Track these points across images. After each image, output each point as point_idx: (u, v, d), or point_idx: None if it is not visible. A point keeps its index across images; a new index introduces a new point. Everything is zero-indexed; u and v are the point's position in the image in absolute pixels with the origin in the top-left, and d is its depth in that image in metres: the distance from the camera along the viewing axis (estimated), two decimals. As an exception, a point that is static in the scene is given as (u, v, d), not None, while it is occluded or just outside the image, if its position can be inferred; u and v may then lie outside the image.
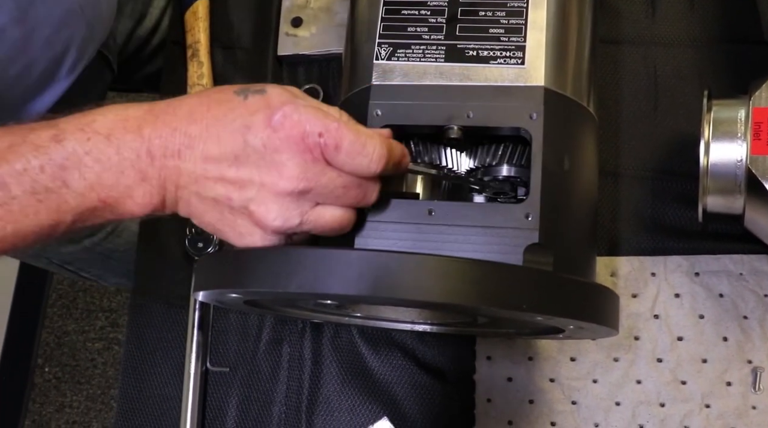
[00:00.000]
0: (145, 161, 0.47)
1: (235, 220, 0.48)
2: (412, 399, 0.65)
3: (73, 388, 1.60)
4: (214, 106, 0.48)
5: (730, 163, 0.56)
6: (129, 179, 0.48)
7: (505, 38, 0.50)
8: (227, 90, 0.50)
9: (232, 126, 0.47)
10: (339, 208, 0.48)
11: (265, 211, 0.47)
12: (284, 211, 0.47)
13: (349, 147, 0.46)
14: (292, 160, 0.46)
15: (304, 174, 0.46)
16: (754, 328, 0.62)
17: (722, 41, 0.68)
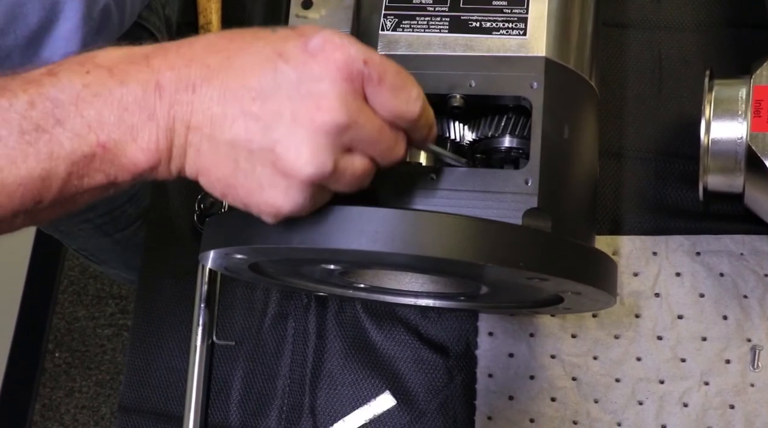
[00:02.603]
0: (153, 95, 0.40)
1: (254, 169, 0.40)
2: (414, 373, 0.65)
3: (83, 373, 1.61)
4: (238, 37, 0.42)
5: (731, 141, 0.57)
6: (134, 117, 0.40)
7: (508, 10, 0.51)
8: (249, 31, 0.43)
9: (261, 54, 0.40)
10: (366, 159, 0.42)
11: (296, 153, 0.39)
12: (318, 154, 0.39)
13: (393, 80, 0.41)
14: (333, 89, 0.39)
15: (345, 107, 0.39)
16: (753, 307, 0.62)
17: (726, 25, 0.69)
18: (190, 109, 0.41)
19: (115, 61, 0.41)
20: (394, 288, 0.60)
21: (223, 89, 0.40)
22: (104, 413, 1.59)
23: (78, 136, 0.40)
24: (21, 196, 0.40)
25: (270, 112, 0.40)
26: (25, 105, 0.39)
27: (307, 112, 0.39)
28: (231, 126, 0.40)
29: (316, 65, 0.40)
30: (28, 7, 0.59)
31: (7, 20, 0.58)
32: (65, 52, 0.61)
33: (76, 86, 0.40)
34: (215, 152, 0.41)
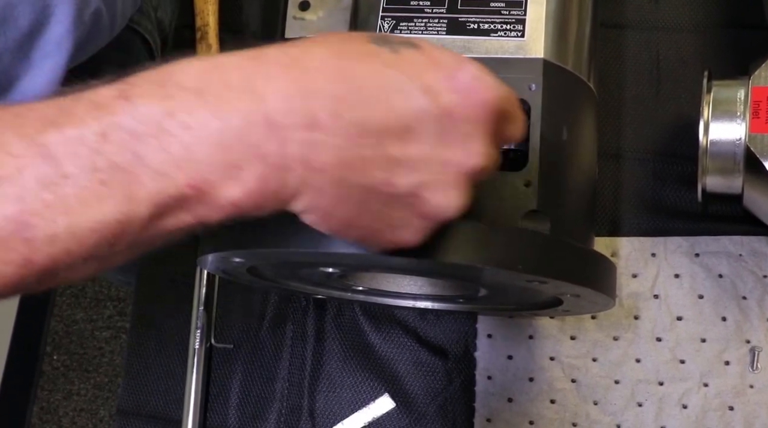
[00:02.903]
0: (261, 131, 0.33)
1: (387, 211, 0.36)
2: (413, 376, 0.65)
3: (81, 376, 1.61)
4: (356, 59, 0.35)
5: (729, 142, 0.57)
6: (233, 154, 0.33)
7: (506, 11, 0.51)
8: (359, 39, 0.37)
9: (400, 88, 0.35)
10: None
11: (444, 198, 0.36)
12: (462, 196, 0.37)
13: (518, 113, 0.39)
14: (479, 132, 0.36)
15: (489, 149, 0.37)
16: (752, 308, 0.62)
17: (725, 26, 0.69)
18: (313, 149, 0.34)
19: (203, 80, 0.34)
20: (392, 290, 0.60)
21: (357, 128, 0.34)
22: (102, 416, 1.59)
23: (163, 175, 0.33)
24: (94, 241, 0.33)
25: (414, 155, 0.35)
26: (96, 137, 0.32)
27: (454, 156, 0.36)
28: (368, 170, 0.35)
29: (464, 106, 0.36)
30: (19, 10, 0.57)
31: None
32: (57, 55, 0.60)
33: (156, 114, 0.33)
34: (340, 195, 0.36)
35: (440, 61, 0.36)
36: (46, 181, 0.32)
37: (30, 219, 0.32)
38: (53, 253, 0.32)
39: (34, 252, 0.32)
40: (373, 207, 0.36)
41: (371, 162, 0.35)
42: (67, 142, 0.32)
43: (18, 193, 0.31)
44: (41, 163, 0.32)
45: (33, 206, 0.32)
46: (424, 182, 0.36)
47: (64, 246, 0.32)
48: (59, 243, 0.32)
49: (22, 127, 0.33)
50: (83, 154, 0.32)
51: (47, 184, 0.32)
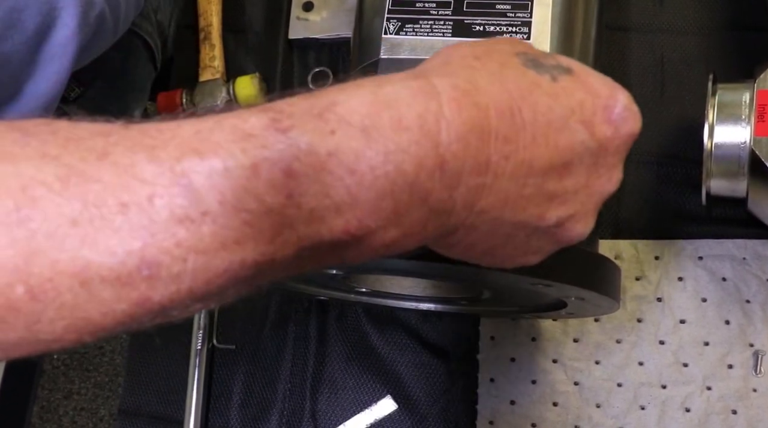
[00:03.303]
0: (431, 175, 0.30)
1: (529, 241, 0.36)
2: (415, 378, 0.65)
3: (81, 375, 1.61)
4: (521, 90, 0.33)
5: (734, 146, 0.57)
6: (399, 199, 0.30)
7: (512, 14, 0.51)
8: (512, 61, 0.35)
9: (564, 123, 0.34)
10: None
11: (584, 225, 0.36)
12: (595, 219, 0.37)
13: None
14: (622, 160, 0.37)
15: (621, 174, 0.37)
16: (756, 312, 0.62)
17: (729, 28, 0.69)
18: (479, 193, 0.32)
19: (371, 117, 0.30)
20: (395, 292, 0.60)
21: (524, 169, 0.33)
22: (103, 415, 1.59)
23: (319, 219, 0.29)
24: (222, 283, 0.28)
25: (566, 188, 0.35)
26: (245, 172, 0.27)
27: (601, 186, 0.36)
28: (526, 208, 0.34)
29: (615, 138, 0.36)
30: (26, 14, 0.58)
31: (4, 26, 0.57)
32: (62, 58, 0.60)
33: (318, 153, 0.29)
34: (492, 230, 0.34)
35: (596, 91, 0.36)
36: (181, 215, 0.27)
37: (157, 256, 0.27)
38: (174, 294, 0.28)
39: (154, 290, 0.27)
40: (517, 239, 0.36)
41: (530, 200, 0.34)
42: (210, 174, 0.27)
43: (147, 226, 0.27)
44: (178, 195, 0.27)
45: (163, 242, 0.27)
46: (571, 214, 0.36)
47: (188, 287, 0.28)
48: (184, 283, 0.27)
49: (155, 149, 0.28)
50: (228, 190, 0.27)
51: (182, 219, 0.27)
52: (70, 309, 0.27)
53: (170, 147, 0.28)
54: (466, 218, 0.33)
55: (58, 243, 0.26)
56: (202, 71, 0.75)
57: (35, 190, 0.26)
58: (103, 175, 0.27)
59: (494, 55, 0.35)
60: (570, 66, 0.36)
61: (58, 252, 0.26)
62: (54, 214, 0.26)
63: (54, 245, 0.26)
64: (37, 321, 0.27)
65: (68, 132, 0.28)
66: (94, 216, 0.26)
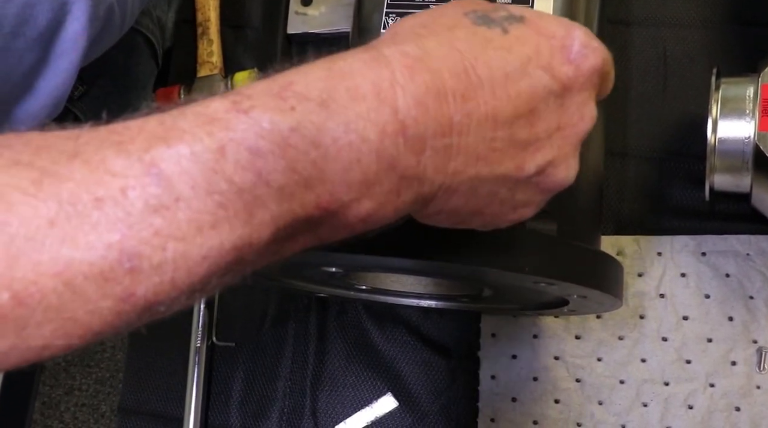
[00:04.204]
0: (398, 143, 0.31)
1: (513, 195, 0.36)
2: (416, 375, 0.65)
3: (83, 371, 1.61)
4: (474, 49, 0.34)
5: (738, 141, 0.56)
6: (366, 168, 0.30)
7: (513, 8, 0.50)
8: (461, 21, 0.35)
9: (522, 70, 0.34)
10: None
11: (566, 169, 0.36)
12: (577, 161, 0.37)
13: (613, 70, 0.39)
14: (591, 95, 0.37)
15: (595, 110, 0.37)
16: (759, 308, 0.62)
17: (732, 22, 0.68)
18: (447, 155, 0.32)
19: (327, 89, 0.30)
20: (396, 289, 0.60)
21: (490, 123, 0.33)
22: (104, 411, 1.59)
23: (290, 196, 0.29)
24: (205, 270, 0.28)
25: (539, 134, 0.35)
26: (212, 154, 0.28)
27: (573, 126, 0.36)
28: (500, 161, 0.34)
29: (580, 75, 0.36)
30: (38, 9, 0.57)
31: (17, 22, 0.57)
32: (72, 54, 0.60)
33: (280, 129, 0.29)
34: (473, 190, 0.34)
35: (551, 33, 0.36)
36: (156, 204, 0.27)
37: (136, 247, 0.27)
38: (158, 285, 0.27)
39: (138, 284, 0.27)
40: (501, 195, 0.35)
41: (503, 152, 0.34)
42: (179, 159, 0.28)
43: (123, 218, 0.27)
44: (150, 184, 0.27)
45: (141, 233, 0.27)
46: (549, 160, 0.35)
47: (170, 277, 0.27)
48: (166, 273, 0.27)
49: (122, 144, 0.28)
50: (198, 174, 0.28)
51: (157, 207, 0.27)
52: (56, 311, 0.26)
53: (137, 140, 0.28)
54: (442, 182, 0.33)
55: (39, 245, 0.26)
56: (200, 67, 0.75)
57: (10, 195, 0.26)
58: (75, 173, 0.27)
59: (442, 19, 0.35)
60: (522, 14, 0.36)
61: (39, 254, 0.26)
62: (31, 216, 0.26)
63: (34, 247, 0.26)
64: (25, 327, 0.26)
65: (40, 140, 0.29)
66: (70, 214, 0.26)
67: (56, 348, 0.27)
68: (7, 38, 0.56)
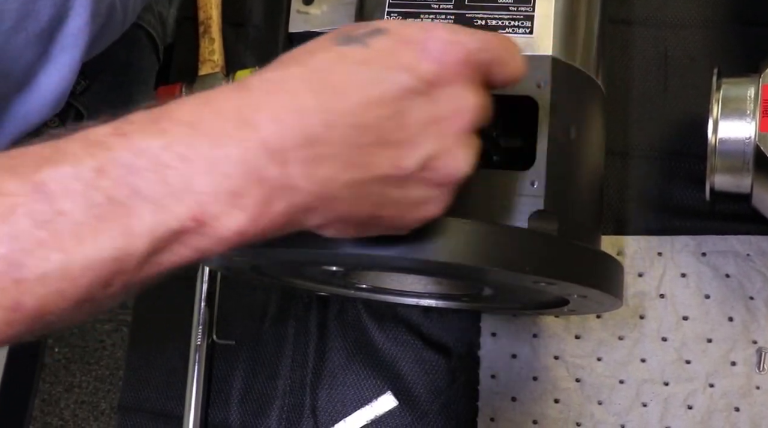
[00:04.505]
0: (260, 156, 0.33)
1: (406, 193, 0.37)
2: (416, 374, 0.65)
3: (83, 368, 1.61)
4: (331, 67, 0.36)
5: (739, 141, 0.56)
6: (235, 182, 0.33)
7: (514, 8, 0.50)
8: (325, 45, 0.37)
9: (379, 79, 0.36)
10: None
11: (454, 160, 0.37)
12: (469, 152, 0.38)
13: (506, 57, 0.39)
14: (465, 88, 0.38)
15: (478, 100, 0.38)
16: (759, 309, 0.62)
17: (734, 22, 0.68)
18: (316, 164, 0.34)
19: (196, 113, 0.34)
20: (396, 288, 0.60)
21: (353, 130, 0.35)
22: (104, 408, 1.59)
23: (163, 208, 0.32)
24: (89, 281, 0.32)
25: (411, 131, 0.36)
26: (92, 172, 0.32)
27: (448, 118, 0.37)
28: (375, 163, 0.36)
29: (442, 70, 0.37)
30: (40, 4, 0.58)
31: (19, 17, 0.57)
32: (73, 49, 0.60)
33: (153, 148, 0.32)
34: (357, 195, 0.36)
35: (411, 38, 0.37)
36: (39, 218, 0.31)
37: (21, 258, 0.30)
38: (45, 295, 0.31)
39: (25, 293, 0.30)
40: (391, 196, 0.37)
41: (375, 154, 0.36)
42: (62, 178, 0.31)
43: (10, 232, 0.30)
44: (35, 201, 0.31)
45: (25, 244, 0.30)
46: (430, 154, 0.37)
47: (56, 287, 0.31)
48: (51, 283, 0.31)
49: (16, 167, 0.32)
50: (79, 190, 0.31)
51: (41, 221, 0.31)
52: None
53: (29, 162, 0.32)
54: (316, 190, 0.35)
55: None
56: (202, 65, 0.74)
57: None
58: None
59: (308, 47, 0.38)
60: (385, 27, 0.38)
61: None
62: None
63: None
64: None
65: None
66: None
67: None
68: (9, 33, 0.57)
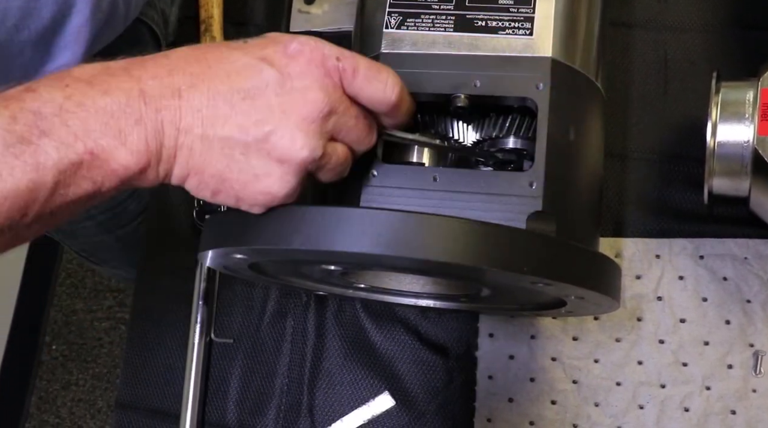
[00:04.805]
0: (138, 103, 0.43)
1: (249, 161, 0.44)
2: (413, 374, 0.65)
3: (80, 366, 1.61)
4: (213, 49, 0.45)
5: (737, 144, 0.56)
6: (120, 122, 0.42)
7: (514, 9, 0.50)
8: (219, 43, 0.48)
9: (243, 60, 0.44)
10: (346, 146, 0.47)
11: (290, 139, 0.43)
12: (310, 139, 0.44)
13: (367, 71, 0.46)
14: (315, 84, 0.44)
15: (327, 97, 0.44)
16: (756, 312, 0.62)
17: (733, 27, 0.68)
18: (179, 113, 0.43)
19: (93, 74, 0.43)
20: (394, 288, 0.60)
21: (211, 93, 0.44)
22: (101, 406, 1.59)
23: (64, 144, 0.41)
24: (7, 209, 0.40)
25: (260, 107, 0.44)
26: (7, 120, 0.40)
27: (294, 104, 0.44)
28: (224, 124, 0.43)
29: (297, 65, 0.44)
30: (42, 2, 0.59)
31: (22, 16, 0.59)
32: (75, 47, 0.62)
33: (57, 99, 0.41)
34: (209, 150, 0.44)
35: (279, 40, 0.46)
36: None
37: None
38: None
39: None
40: (237, 158, 0.44)
41: (226, 117, 0.43)
42: None
43: None
44: None
45: None
46: (272, 129, 0.43)
47: None
48: None
49: None
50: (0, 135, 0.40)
51: None
52: None
53: None
54: (177, 137, 0.43)
55: None
56: (203, 63, 0.75)
57: None
58: None
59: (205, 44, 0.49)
60: (267, 34, 0.47)
61: None
62: None
63: None
64: None
65: None
66: None
67: None
68: (11, 31, 0.58)
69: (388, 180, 0.49)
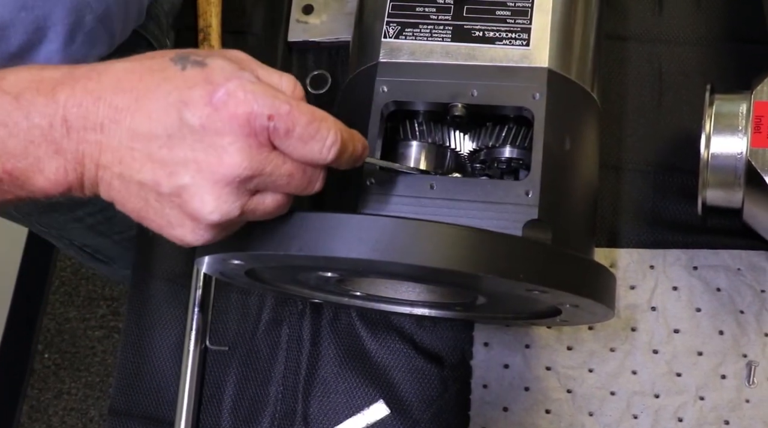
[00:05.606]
0: (60, 131, 0.42)
1: (163, 209, 0.43)
2: (408, 383, 0.65)
3: (72, 375, 1.60)
4: (147, 74, 0.42)
5: (731, 156, 0.57)
6: (39, 150, 0.42)
7: (512, 20, 0.51)
8: (164, 56, 0.43)
9: (167, 99, 0.41)
10: (278, 195, 0.43)
11: (200, 202, 0.41)
12: (222, 204, 0.41)
13: (302, 131, 0.41)
14: (235, 145, 0.41)
15: (248, 161, 0.41)
16: (750, 323, 0.62)
17: (727, 40, 0.69)
18: (98, 149, 0.42)
19: (22, 87, 0.42)
20: (390, 296, 0.60)
21: (130, 133, 0.42)
22: (93, 415, 1.58)
23: None
24: None
25: (176, 159, 0.41)
26: None
27: (209, 164, 0.41)
28: (139, 169, 0.42)
29: (218, 119, 0.41)
30: (11, 31, 0.59)
31: None
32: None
33: None
34: (126, 189, 0.43)
35: (211, 79, 0.41)
36: None
37: None
38: None
39: None
40: (152, 203, 0.43)
41: (141, 163, 0.42)
42: None
43: None
44: None
45: None
46: (183, 185, 0.41)
47: None
48: None
49: None
50: None
51: None
52: None
53: None
54: (96, 172, 0.43)
55: None
56: (201, 72, 0.75)
57: None
58: None
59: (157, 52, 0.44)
60: (209, 62, 0.42)
61: None
62: None
63: None
64: None
65: None
66: None
67: None
68: None
69: (386, 187, 0.50)
